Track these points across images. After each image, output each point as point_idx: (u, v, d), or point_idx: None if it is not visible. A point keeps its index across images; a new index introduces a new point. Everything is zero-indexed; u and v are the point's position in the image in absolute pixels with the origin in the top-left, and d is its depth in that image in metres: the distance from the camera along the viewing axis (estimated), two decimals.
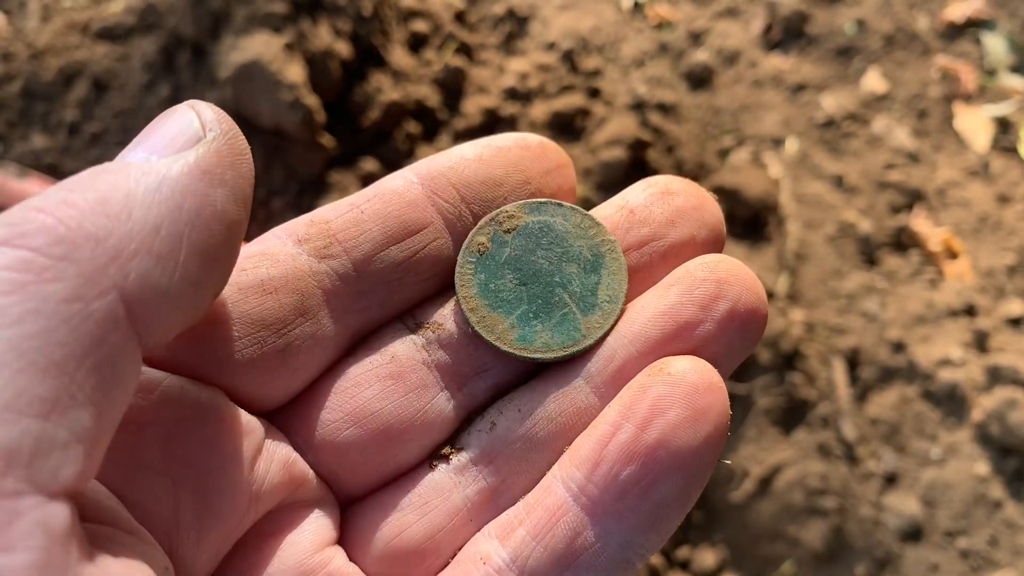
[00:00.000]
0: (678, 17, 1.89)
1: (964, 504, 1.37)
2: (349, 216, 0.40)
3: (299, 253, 0.39)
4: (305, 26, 1.48)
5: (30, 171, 1.48)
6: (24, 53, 1.57)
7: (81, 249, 0.29)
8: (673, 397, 0.36)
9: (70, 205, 0.30)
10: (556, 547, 0.37)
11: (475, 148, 0.42)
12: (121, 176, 0.32)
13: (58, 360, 0.27)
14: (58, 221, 0.29)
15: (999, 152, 1.74)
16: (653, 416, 0.36)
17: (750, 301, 0.39)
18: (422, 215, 0.41)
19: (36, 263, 0.28)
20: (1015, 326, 1.52)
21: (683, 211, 0.42)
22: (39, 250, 0.28)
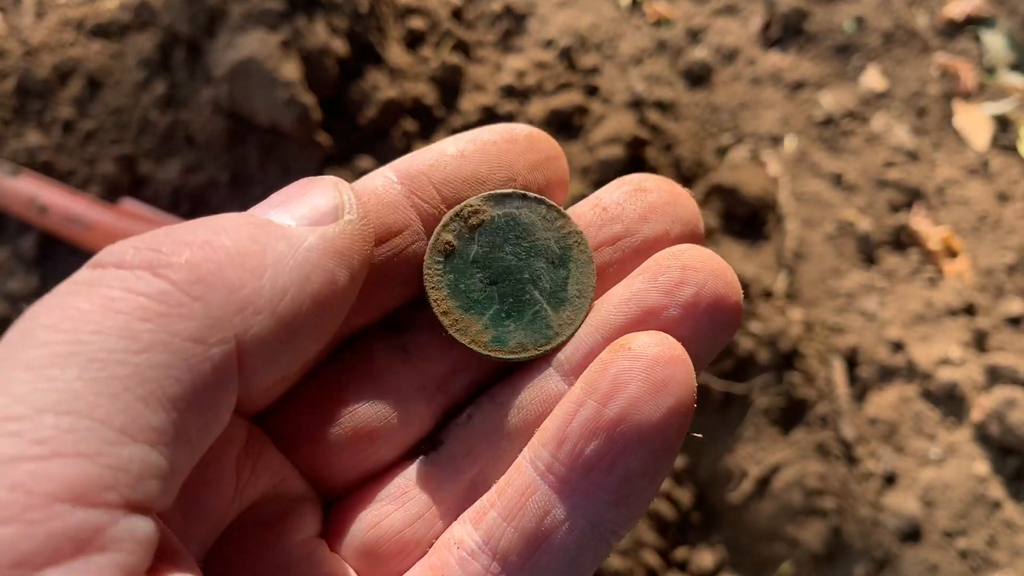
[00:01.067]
0: (676, 14, 1.88)
1: (963, 504, 1.37)
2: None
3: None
4: (301, 23, 1.47)
5: (24, 168, 1.48)
6: (18, 50, 1.56)
7: (216, 293, 0.30)
8: (634, 371, 0.36)
9: (214, 248, 0.31)
10: (526, 527, 0.37)
11: (457, 144, 0.42)
12: (263, 232, 0.33)
13: (173, 396, 0.28)
14: (201, 261, 0.30)
15: (999, 150, 1.73)
16: (614, 391, 0.36)
17: (717, 287, 0.39)
18: (401, 217, 0.41)
19: (173, 297, 0.29)
20: (1015, 325, 1.51)
21: (656, 207, 0.42)
22: (178, 285, 0.29)
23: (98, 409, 0.26)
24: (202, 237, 0.31)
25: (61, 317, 0.27)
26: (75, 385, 0.26)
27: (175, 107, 1.51)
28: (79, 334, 0.27)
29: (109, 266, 0.30)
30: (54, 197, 1.43)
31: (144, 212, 1.43)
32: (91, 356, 0.27)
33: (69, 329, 0.27)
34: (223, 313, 0.30)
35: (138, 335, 0.28)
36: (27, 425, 0.25)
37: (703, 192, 1.58)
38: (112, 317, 0.28)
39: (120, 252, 0.30)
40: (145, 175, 1.50)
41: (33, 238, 1.47)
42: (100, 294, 0.28)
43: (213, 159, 1.49)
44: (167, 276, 0.29)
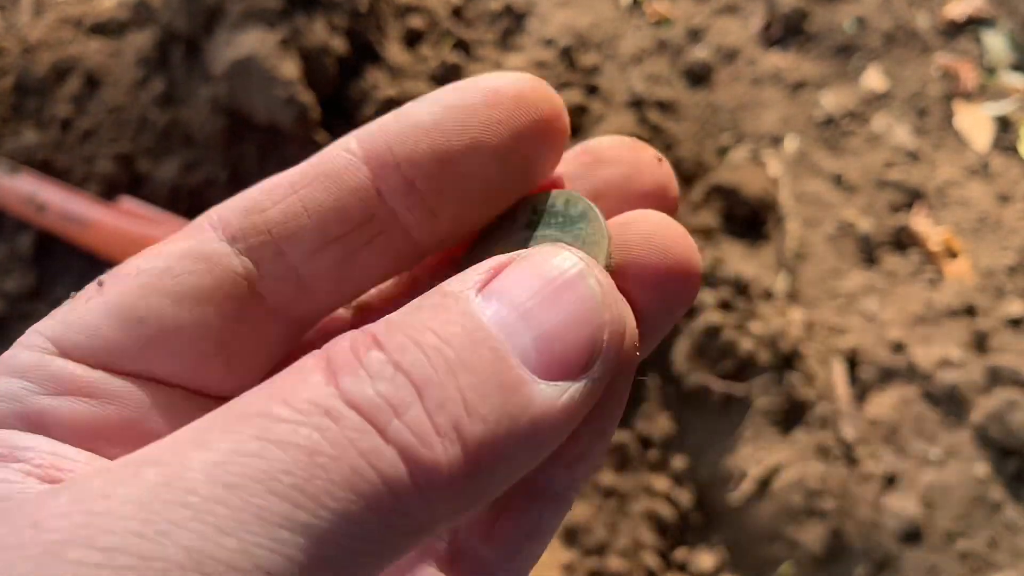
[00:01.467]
0: (677, 14, 1.88)
1: (964, 506, 1.36)
2: (286, 205, 0.36)
3: (232, 253, 0.36)
4: (300, 22, 1.47)
5: (22, 166, 1.47)
6: (16, 48, 1.55)
7: (447, 503, 0.27)
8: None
9: (465, 442, 0.27)
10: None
11: (432, 110, 0.35)
12: (512, 401, 0.28)
13: (365, 571, 0.27)
14: (448, 464, 0.27)
15: (999, 151, 1.73)
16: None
17: (664, 263, 0.34)
18: (366, 204, 0.36)
19: (407, 501, 0.26)
20: (1015, 326, 1.51)
21: (612, 183, 0.38)
22: (418, 488, 0.26)
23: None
24: (453, 418, 0.27)
25: (307, 475, 0.25)
26: (297, 555, 0.25)
27: (173, 105, 1.51)
28: (319, 508, 0.25)
29: (365, 416, 0.26)
30: (52, 195, 1.42)
31: (143, 210, 1.43)
32: (321, 535, 0.25)
33: (312, 496, 0.25)
34: (441, 518, 0.27)
35: (365, 524, 0.26)
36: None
37: (703, 192, 1.58)
38: (355, 503, 0.25)
39: (377, 406, 0.27)
40: (143, 173, 1.50)
41: (31, 236, 1.47)
42: (351, 464, 0.25)
43: (212, 157, 1.49)
44: (412, 473, 0.26)
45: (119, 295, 0.34)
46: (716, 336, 1.40)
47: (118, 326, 0.34)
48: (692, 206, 1.56)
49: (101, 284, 0.35)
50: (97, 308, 0.34)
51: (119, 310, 0.34)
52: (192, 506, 0.24)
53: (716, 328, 1.40)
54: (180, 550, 0.24)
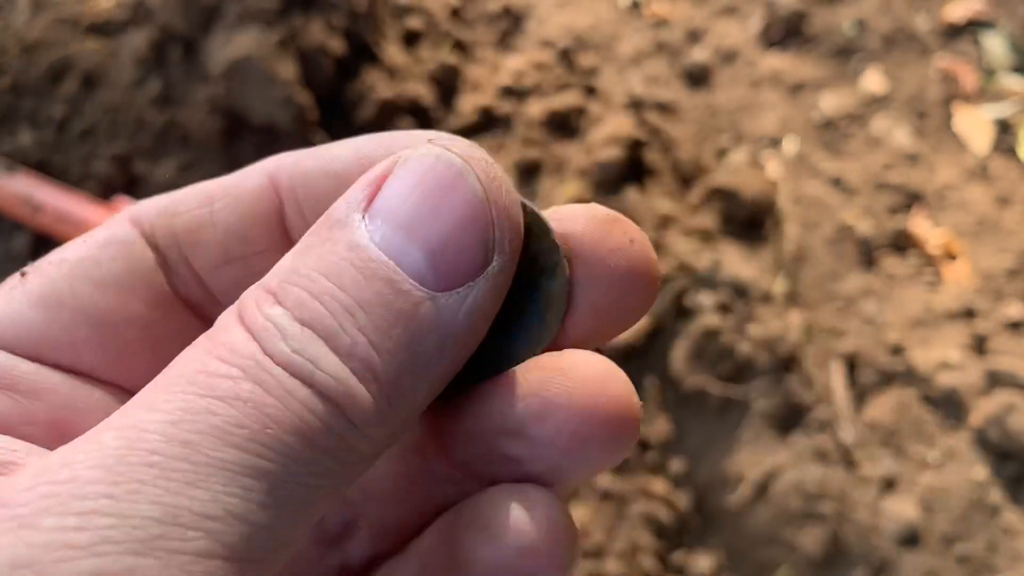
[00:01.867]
0: (676, 16, 1.87)
1: (962, 509, 1.36)
2: (198, 215, 0.36)
3: (148, 247, 0.36)
4: (298, 22, 1.47)
5: (18, 167, 1.47)
6: (13, 48, 1.55)
7: (380, 430, 0.29)
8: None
9: (383, 380, 0.29)
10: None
11: (347, 160, 0.35)
12: (415, 325, 0.28)
13: (319, 512, 0.29)
14: (377, 396, 0.28)
15: (998, 154, 1.73)
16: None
17: (581, 428, 0.31)
18: (267, 231, 0.36)
19: (352, 434, 0.28)
20: (1014, 330, 1.51)
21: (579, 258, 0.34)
22: (359, 426, 0.28)
23: (274, 524, 0.26)
24: (369, 352, 0.28)
25: (260, 426, 0.26)
26: (263, 499, 0.26)
27: (170, 106, 1.50)
28: (276, 455, 0.27)
29: (293, 374, 0.28)
30: (48, 196, 1.42)
31: None
32: (282, 478, 0.27)
33: (267, 445, 0.26)
34: (380, 445, 0.29)
35: (317, 463, 0.27)
36: (220, 526, 0.26)
37: (702, 194, 1.57)
38: (307, 449, 0.27)
39: (298, 364, 0.28)
40: (140, 174, 1.50)
41: (26, 237, 1.46)
42: (296, 415, 0.27)
43: (208, 158, 1.48)
44: (351, 414, 0.28)
45: (41, 283, 0.34)
46: (714, 339, 1.40)
47: (41, 312, 0.34)
48: (691, 208, 1.56)
49: (24, 275, 0.35)
50: (19, 296, 0.34)
51: (41, 297, 0.34)
52: (157, 465, 0.25)
53: (714, 331, 1.40)
54: (154, 506, 0.25)
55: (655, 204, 1.52)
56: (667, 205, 1.53)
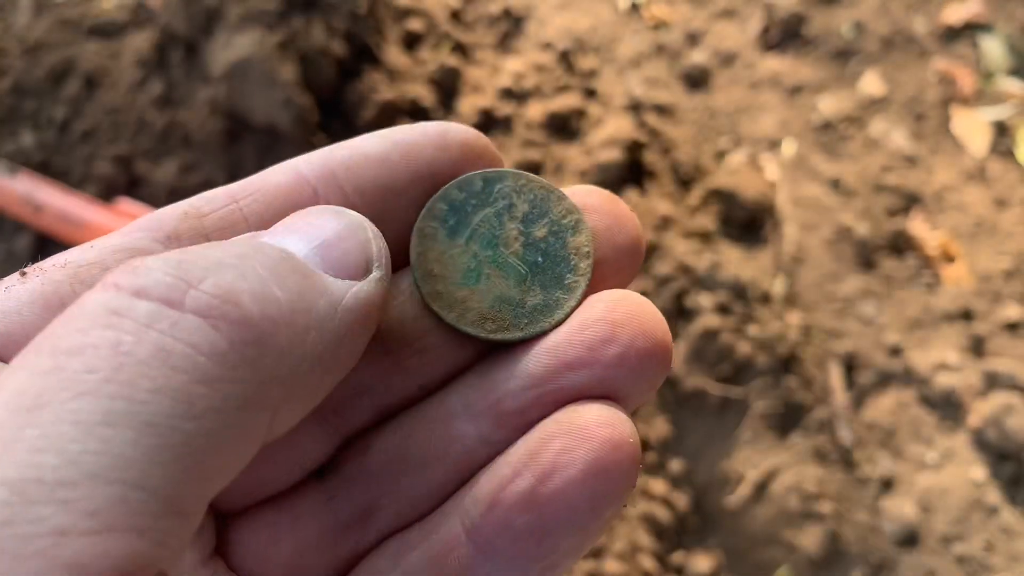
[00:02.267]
0: (675, 18, 1.88)
1: (960, 509, 1.36)
2: (225, 212, 0.36)
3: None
4: (299, 24, 1.47)
5: (20, 167, 1.47)
6: (15, 49, 1.55)
7: (266, 358, 0.27)
8: (578, 452, 0.34)
9: (269, 303, 0.27)
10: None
11: (382, 144, 0.37)
12: (308, 284, 0.29)
13: (214, 467, 0.26)
14: (259, 319, 0.27)
15: (996, 156, 1.73)
16: (554, 470, 0.34)
17: (644, 346, 0.35)
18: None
19: (229, 359, 0.26)
20: (1012, 331, 1.51)
21: (594, 233, 0.39)
22: (234, 346, 0.26)
23: (149, 480, 0.23)
24: (256, 284, 0.27)
25: (113, 365, 0.24)
26: (128, 451, 0.23)
27: (172, 107, 1.51)
28: (136, 391, 0.24)
29: (156, 299, 0.26)
30: (49, 196, 1.42)
31: (140, 212, 1.43)
32: (147, 419, 0.24)
33: (124, 382, 0.24)
34: (269, 379, 0.27)
35: (193, 400, 0.24)
36: (79, 493, 0.22)
37: (701, 196, 1.58)
38: (172, 377, 0.24)
39: (167, 285, 0.26)
40: (141, 175, 1.50)
41: (28, 237, 1.47)
42: (155, 342, 0.25)
43: (210, 159, 1.49)
44: (225, 333, 0.26)
45: (44, 283, 0.33)
46: (713, 339, 1.40)
47: (41, 312, 0.32)
48: (690, 209, 1.56)
49: (24, 275, 0.33)
50: (19, 295, 0.33)
51: (43, 297, 0.33)
52: (0, 440, 0.22)
53: (713, 331, 1.40)
54: (2, 488, 0.22)
55: (654, 205, 1.52)
56: (666, 206, 1.53)
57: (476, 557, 0.35)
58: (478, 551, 0.35)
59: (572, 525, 0.34)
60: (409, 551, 0.37)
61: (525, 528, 0.34)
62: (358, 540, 0.38)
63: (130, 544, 0.23)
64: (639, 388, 0.36)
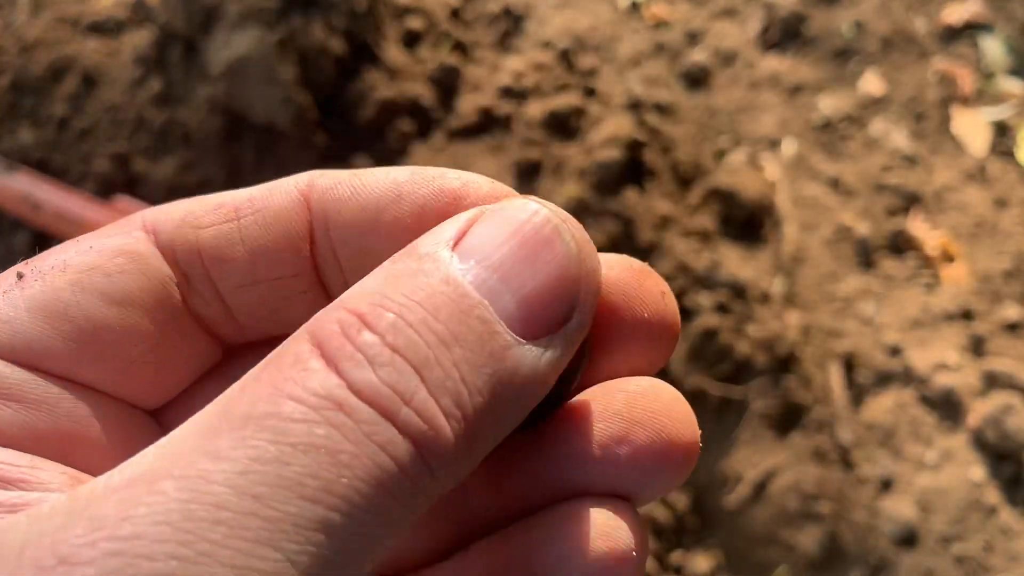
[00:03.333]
0: (675, 17, 1.88)
1: (959, 510, 1.36)
2: (223, 229, 0.35)
3: (162, 261, 0.35)
4: (298, 22, 1.47)
5: (19, 165, 1.47)
6: (14, 47, 1.55)
7: (454, 476, 0.27)
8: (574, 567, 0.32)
9: (465, 419, 0.27)
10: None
11: (384, 186, 0.35)
12: (500, 370, 0.28)
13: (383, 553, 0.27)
14: (455, 443, 0.27)
15: (996, 156, 1.73)
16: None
17: (661, 449, 0.33)
18: (297, 251, 0.35)
19: (425, 484, 0.27)
20: (1012, 331, 1.51)
21: (615, 309, 0.35)
22: (434, 473, 0.27)
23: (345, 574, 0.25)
24: (456, 396, 0.27)
25: (333, 475, 0.25)
26: (335, 557, 0.25)
27: (170, 105, 1.50)
28: (351, 507, 0.25)
29: (375, 408, 0.26)
30: (48, 194, 1.42)
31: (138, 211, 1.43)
32: (355, 531, 0.25)
33: (342, 496, 0.25)
34: (445, 487, 0.27)
35: (390, 513, 0.26)
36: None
37: (701, 195, 1.58)
38: (379, 497, 0.25)
39: (385, 397, 0.26)
40: (140, 173, 1.50)
41: (26, 235, 1.47)
42: (372, 459, 0.25)
43: (208, 157, 1.49)
44: (427, 460, 0.26)
45: (44, 290, 0.32)
46: (713, 339, 1.40)
47: (42, 322, 0.32)
48: (690, 209, 1.56)
49: (21, 277, 0.33)
50: (17, 301, 0.32)
51: (44, 305, 0.32)
52: (226, 522, 0.23)
53: (713, 331, 1.40)
54: (225, 569, 0.23)
55: (654, 205, 1.52)
56: (666, 206, 1.53)
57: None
58: None
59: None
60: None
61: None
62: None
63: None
64: (652, 491, 0.34)
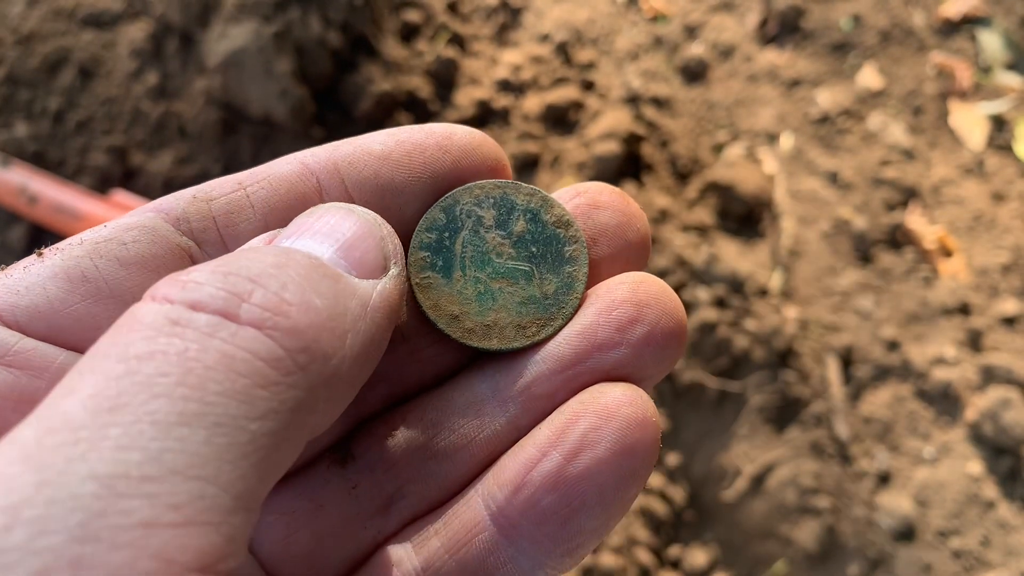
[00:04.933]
0: (673, 10, 1.87)
1: (957, 504, 1.36)
2: (233, 198, 0.38)
3: (176, 232, 0.37)
4: (295, 15, 1.46)
5: (14, 159, 1.46)
6: (9, 39, 1.54)
7: (315, 363, 0.29)
8: (604, 431, 0.35)
9: (312, 312, 0.30)
10: (468, 563, 0.36)
11: (386, 142, 0.39)
12: (340, 289, 0.32)
13: (274, 464, 0.27)
14: (305, 327, 0.29)
15: (994, 150, 1.73)
16: (582, 448, 0.35)
17: (668, 326, 0.37)
18: (308, 206, 0.38)
19: (284, 365, 0.28)
20: (1009, 325, 1.51)
21: (607, 229, 0.40)
22: (289, 352, 0.28)
23: (221, 476, 0.25)
24: (300, 297, 0.29)
25: (182, 370, 0.26)
26: (203, 449, 0.25)
27: (167, 98, 1.50)
28: (205, 394, 0.26)
29: (213, 312, 0.28)
30: (44, 187, 1.41)
31: (135, 204, 1.42)
32: (217, 420, 0.26)
33: (195, 385, 0.26)
34: (317, 383, 0.29)
35: (256, 403, 0.27)
36: (162, 488, 0.24)
37: (699, 189, 1.57)
38: (237, 381, 0.27)
39: (222, 299, 0.28)
40: (136, 166, 1.49)
41: (22, 229, 1.46)
42: (219, 350, 0.27)
43: (205, 150, 1.48)
44: (279, 341, 0.28)
45: (63, 259, 0.34)
46: (711, 333, 1.40)
47: (62, 285, 0.34)
48: (687, 203, 1.56)
49: (40, 254, 0.35)
50: (39, 271, 0.34)
51: (64, 270, 0.34)
52: (85, 439, 0.24)
53: (711, 325, 1.40)
54: (88, 480, 0.23)
55: (652, 198, 1.52)
56: (664, 200, 1.53)
57: (499, 541, 0.36)
58: (502, 534, 0.36)
59: (598, 504, 0.35)
60: (431, 537, 0.37)
61: (551, 509, 0.35)
62: (380, 528, 0.38)
63: (207, 538, 0.24)
64: (661, 367, 0.38)
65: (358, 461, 0.39)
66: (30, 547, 0.22)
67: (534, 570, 0.36)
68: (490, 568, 0.36)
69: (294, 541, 0.38)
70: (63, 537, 0.22)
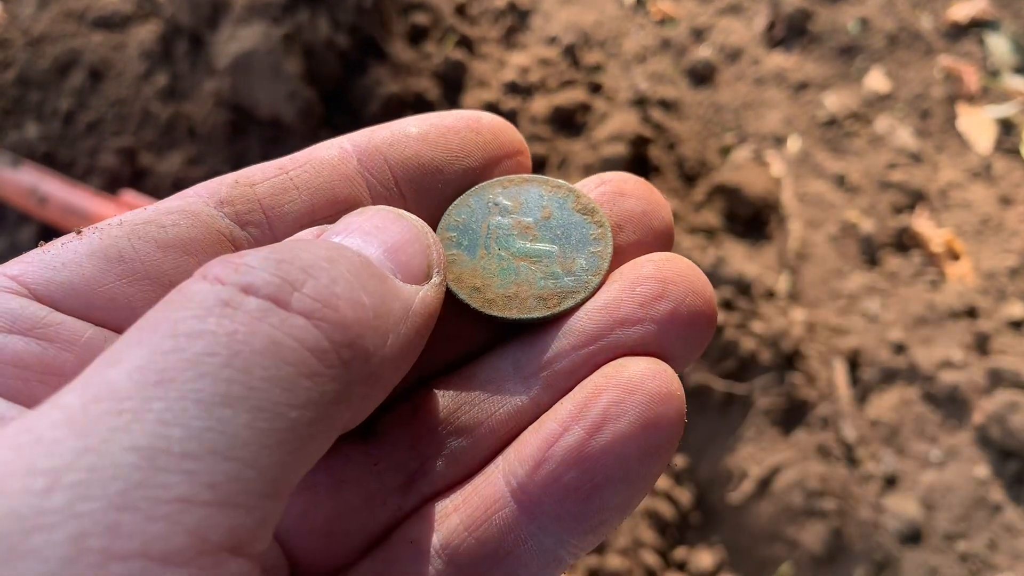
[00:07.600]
0: (681, 13, 1.87)
1: (964, 507, 1.36)
2: (276, 181, 0.38)
3: (220, 216, 0.37)
4: (304, 17, 1.47)
5: (24, 159, 1.47)
6: (20, 41, 1.55)
7: (357, 360, 0.29)
8: (627, 404, 0.35)
9: (360, 308, 0.30)
10: (488, 540, 0.36)
11: (420, 125, 0.40)
12: (386, 290, 0.32)
13: (310, 454, 0.28)
14: (352, 323, 0.29)
15: (1001, 153, 1.73)
16: (604, 422, 0.35)
17: (695, 304, 0.37)
18: (352, 191, 0.39)
19: (329, 357, 0.28)
20: (1016, 328, 1.51)
21: (633, 216, 0.41)
22: (334, 345, 0.28)
23: (259, 460, 0.25)
24: (350, 295, 0.30)
25: (230, 351, 0.26)
26: (243, 432, 0.25)
27: (177, 99, 1.50)
28: (250, 378, 0.26)
29: (264, 297, 0.28)
30: (54, 188, 1.42)
31: (145, 204, 1.43)
32: (259, 404, 0.26)
33: (241, 369, 0.26)
34: (356, 379, 0.29)
35: (297, 390, 0.27)
36: (201, 466, 0.24)
37: (706, 191, 1.58)
38: (282, 368, 0.27)
39: (275, 285, 0.28)
40: (146, 167, 1.50)
41: (33, 229, 1.47)
42: (267, 335, 0.27)
43: (214, 151, 1.49)
44: (327, 333, 0.28)
45: (102, 238, 0.35)
46: (718, 335, 1.40)
47: (99, 263, 0.34)
48: (695, 205, 1.56)
49: (80, 233, 0.35)
50: (77, 248, 0.35)
51: (102, 250, 0.35)
52: (129, 410, 0.24)
53: (718, 327, 1.40)
54: (129, 452, 0.23)
55: None
56: (671, 202, 1.53)
57: (520, 518, 0.36)
58: (523, 511, 0.36)
59: (621, 480, 0.35)
60: (450, 514, 0.37)
61: (573, 484, 0.35)
62: (400, 505, 0.38)
63: (240, 519, 0.25)
64: (688, 346, 0.37)
65: (381, 438, 0.39)
66: (70, 510, 0.22)
67: (556, 547, 0.36)
68: (510, 545, 0.36)
69: (313, 517, 0.38)
70: (102, 503, 0.22)
